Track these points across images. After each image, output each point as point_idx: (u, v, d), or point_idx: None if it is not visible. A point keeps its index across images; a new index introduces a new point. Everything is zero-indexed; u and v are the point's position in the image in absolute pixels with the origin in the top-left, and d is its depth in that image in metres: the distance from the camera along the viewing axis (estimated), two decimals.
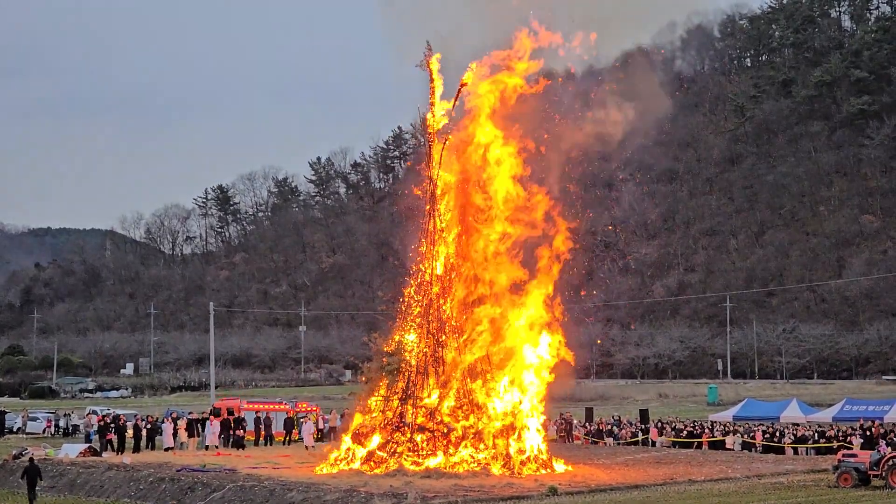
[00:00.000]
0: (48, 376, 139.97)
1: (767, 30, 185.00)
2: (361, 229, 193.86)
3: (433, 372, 38.07)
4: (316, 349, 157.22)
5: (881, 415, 50.47)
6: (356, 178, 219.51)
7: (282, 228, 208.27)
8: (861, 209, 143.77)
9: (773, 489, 32.95)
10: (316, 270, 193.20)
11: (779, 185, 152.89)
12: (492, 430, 37.09)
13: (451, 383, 37.96)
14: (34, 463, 33.97)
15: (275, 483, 32.48)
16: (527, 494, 30.81)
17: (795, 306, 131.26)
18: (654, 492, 32.30)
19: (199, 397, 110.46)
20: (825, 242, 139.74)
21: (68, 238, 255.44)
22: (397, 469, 35.53)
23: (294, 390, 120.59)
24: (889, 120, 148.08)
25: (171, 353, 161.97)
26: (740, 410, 58.47)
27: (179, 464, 37.79)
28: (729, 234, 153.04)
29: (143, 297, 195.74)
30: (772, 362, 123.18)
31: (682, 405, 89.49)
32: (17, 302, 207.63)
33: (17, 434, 65.09)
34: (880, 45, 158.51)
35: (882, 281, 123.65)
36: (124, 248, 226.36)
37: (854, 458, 34.19)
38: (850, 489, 32.41)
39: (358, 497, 29.69)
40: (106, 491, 35.01)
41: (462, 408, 37.53)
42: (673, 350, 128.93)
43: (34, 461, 34.56)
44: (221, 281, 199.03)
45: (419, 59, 40.09)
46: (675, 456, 45.94)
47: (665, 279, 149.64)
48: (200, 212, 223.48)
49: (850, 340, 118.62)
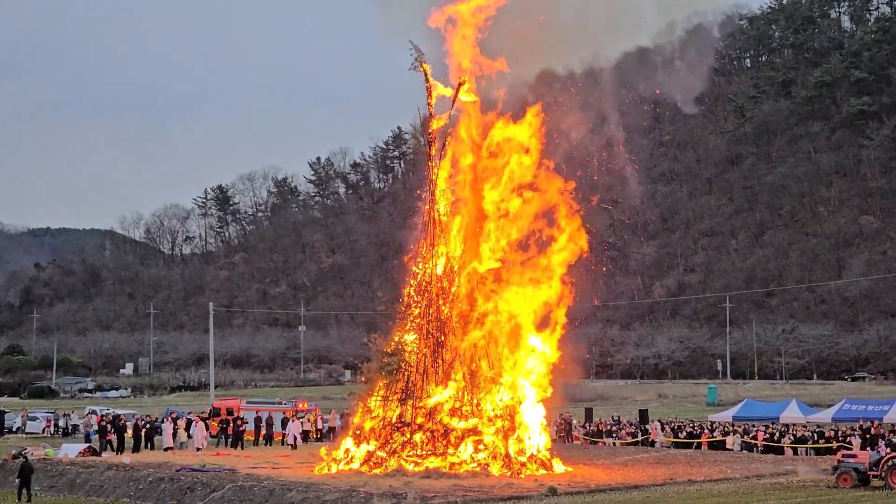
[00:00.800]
0: (48, 376, 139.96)
1: (767, 30, 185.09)
2: (361, 229, 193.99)
3: (433, 372, 38.06)
4: (315, 349, 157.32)
5: (880, 415, 50.45)
6: (356, 178, 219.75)
7: (281, 228, 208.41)
8: (861, 210, 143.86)
9: (773, 489, 32.93)
10: (315, 270, 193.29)
11: (778, 186, 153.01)
12: (491, 430, 37.07)
13: (450, 383, 37.95)
14: (28, 461, 34.07)
15: (274, 483, 32.45)
16: (526, 494, 30.79)
17: (795, 307, 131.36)
18: (654, 492, 32.28)
19: (198, 397, 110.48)
20: (825, 243, 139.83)
21: (68, 238, 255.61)
22: (397, 469, 35.50)
23: (293, 390, 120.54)
24: (889, 120, 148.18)
25: (170, 353, 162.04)
26: (740, 411, 58.41)
27: (179, 464, 37.75)
28: (729, 235, 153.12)
29: (142, 297, 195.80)
30: (771, 363, 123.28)
31: (682, 405, 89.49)
32: (17, 302, 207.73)
33: (16, 434, 65.06)
34: (880, 46, 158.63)
35: (881, 281, 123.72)
36: (124, 248, 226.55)
37: (853, 459, 34.14)
38: (850, 489, 32.38)
39: (357, 497, 29.67)
40: (105, 491, 34.98)
41: (462, 408, 37.52)
42: (672, 350, 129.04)
43: (28, 460, 34.65)
44: (221, 281, 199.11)
45: (413, 60, 40.00)
46: (674, 456, 45.91)
47: (665, 280, 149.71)
48: (200, 212, 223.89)
49: (849, 341, 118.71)
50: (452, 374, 38.10)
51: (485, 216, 40.09)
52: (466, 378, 38.10)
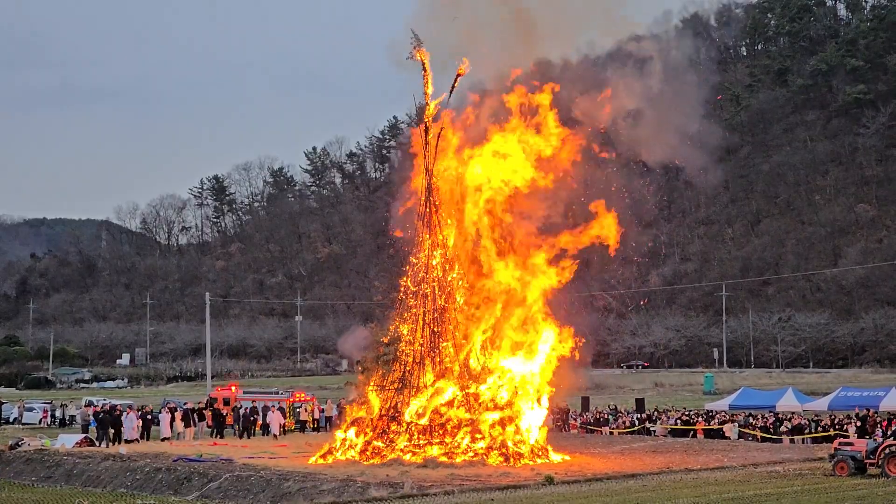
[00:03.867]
0: (44, 367, 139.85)
1: (763, 19, 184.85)
2: (357, 219, 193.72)
3: (430, 362, 38.07)
4: (312, 339, 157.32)
5: (876, 402, 50.56)
6: (352, 167, 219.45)
7: (278, 218, 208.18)
8: (857, 198, 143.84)
9: (770, 477, 32.99)
10: (312, 260, 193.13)
11: (774, 175, 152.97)
12: (488, 419, 37.09)
13: (447, 373, 37.95)
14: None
15: (271, 473, 32.50)
16: (523, 484, 30.82)
17: (791, 295, 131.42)
18: (651, 480, 32.32)
19: (195, 387, 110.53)
20: (821, 231, 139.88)
21: (64, 228, 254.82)
22: (394, 459, 35.55)
23: (290, 380, 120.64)
24: (884, 108, 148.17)
25: (167, 343, 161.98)
26: (736, 399, 58.55)
27: (176, 454, 37.77)
28: (725, 224, 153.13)
29: (138, 287, 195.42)
30: (767, 351, 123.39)
31: (678, 394, 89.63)
32: (13, 292, 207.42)
33: (13, 425, 65.08)
34: (876, 34, 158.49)
35: (877, 270, 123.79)
36: (120, 239, 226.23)
37: (850, 447, 34.14)
38: (847, 478, 32.41)
39: (354, 487, 29.70)
40: (103, 481, 35.01)
41: (458, 398, 37.53)
42: (669, 339, 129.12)
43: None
44: (217, 271, 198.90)
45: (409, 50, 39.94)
46: (671, 445, 46.01)
47: (661, 268, 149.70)
48: (196, 202, 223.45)
49: (845, 329, 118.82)
50: (449, 363, 38.12)
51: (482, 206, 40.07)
52: (463, 368, 38.13)
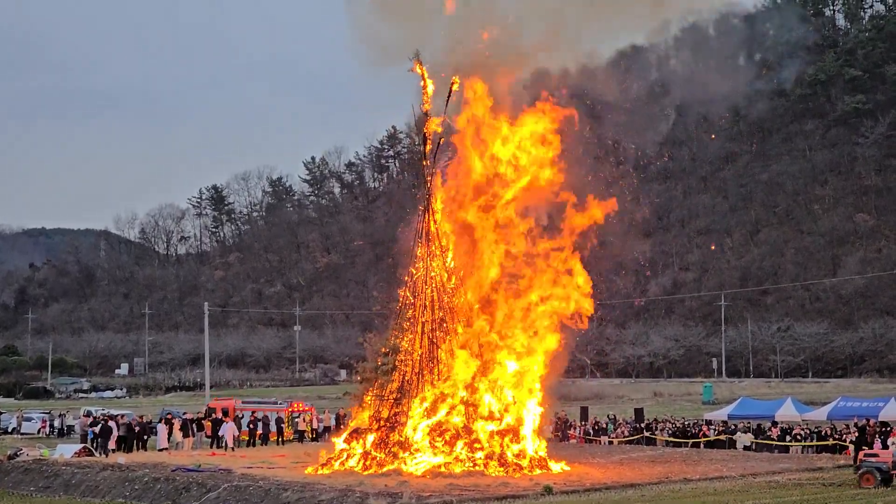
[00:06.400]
0: (43, 377, 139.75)
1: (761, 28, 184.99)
2: (356, 229, 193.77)
3: (428, 372, 38.03)
4: (311, 349, 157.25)
5: (875, 412, 50.47)
6: (350, 177, 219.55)
7: (276, 228, 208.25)
8: (855, 207, 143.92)
9: (769, 488, 32.94)
10: (310, 270, 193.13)
11: (773, 184, 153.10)
12: (488, 429, 37.06)
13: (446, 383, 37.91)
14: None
15: (270, 483, 32.41)
16: (522, 494, 30.76)
17: (790, 305, 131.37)
18: (650, 490, 32.26)
19: (193, 397, 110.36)
20: (820, 241, 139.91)
21: (63, 238, 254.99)
22: (392, 469, 35.50)
23: (289, 390, 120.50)
24: (883, 118, 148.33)
25: (165, 353, 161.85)
26: (735, 409, 58.41)
27: (174, 464, 37.72)
28: (723, 233, 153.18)
29: (137, 297, 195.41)
30: (766, 361, 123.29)
31: (677, 404, 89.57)
32: (12, 302, 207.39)
33: (11, 434, 65.05)
34: (874, 44, 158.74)
35: (877, 279, 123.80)
36: (119, 249, 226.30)
37: (875, 458, 33.83)
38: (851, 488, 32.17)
39: (353, 497, 29.63)
40: (101, 491, 34.93)
41: (458, 408, 37.49)
42: (668, 349, 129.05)
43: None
44: (216, 281, 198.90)
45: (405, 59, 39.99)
46: (670, 454, 45.93)
47: (660, 278, 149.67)
48: (195, 212, 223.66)
49: (844, 339, 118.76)
50: (448, 373, 38.09)
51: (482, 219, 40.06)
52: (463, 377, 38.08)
